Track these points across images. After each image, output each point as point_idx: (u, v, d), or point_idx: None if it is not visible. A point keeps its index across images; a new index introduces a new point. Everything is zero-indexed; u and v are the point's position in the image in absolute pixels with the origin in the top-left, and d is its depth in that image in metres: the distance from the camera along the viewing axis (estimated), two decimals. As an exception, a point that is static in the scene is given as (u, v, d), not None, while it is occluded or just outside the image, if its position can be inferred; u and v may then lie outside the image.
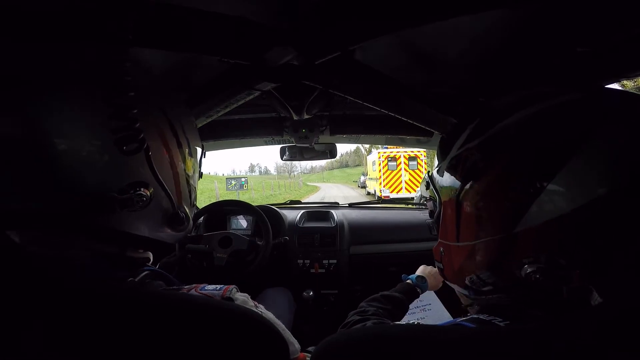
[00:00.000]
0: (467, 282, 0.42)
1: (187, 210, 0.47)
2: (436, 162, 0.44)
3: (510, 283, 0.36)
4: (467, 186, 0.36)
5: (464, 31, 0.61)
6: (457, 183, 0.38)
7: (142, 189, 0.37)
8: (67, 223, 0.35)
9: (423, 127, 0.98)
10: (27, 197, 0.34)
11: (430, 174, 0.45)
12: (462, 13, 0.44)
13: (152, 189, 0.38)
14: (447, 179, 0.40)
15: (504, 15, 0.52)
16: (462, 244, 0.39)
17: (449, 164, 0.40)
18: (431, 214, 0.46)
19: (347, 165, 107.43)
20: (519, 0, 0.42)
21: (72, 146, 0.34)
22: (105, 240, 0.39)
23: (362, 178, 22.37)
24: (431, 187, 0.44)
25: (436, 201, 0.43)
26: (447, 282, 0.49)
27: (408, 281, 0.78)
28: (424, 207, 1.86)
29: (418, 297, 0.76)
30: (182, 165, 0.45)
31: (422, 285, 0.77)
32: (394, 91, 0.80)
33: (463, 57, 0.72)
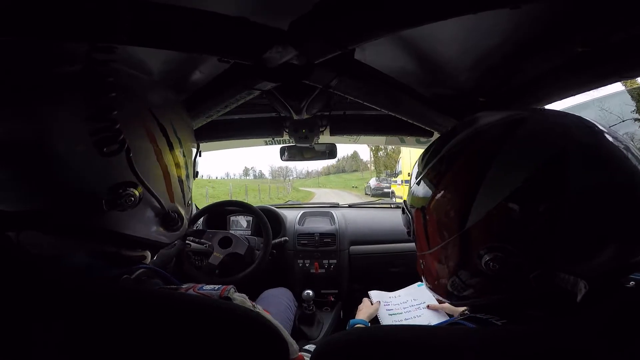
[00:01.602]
0: (449, 287, 0.44)
1: (181, 210, 0.47)
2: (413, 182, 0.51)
3: (484, 280, 0.39)
4: (429, 198, 0.43)
5: (465, 32, 0.61)
6: (423, 198, 0.45)
7: (130, 189, 0.37)
8: (60, 224, 0.36)
9: (423, 127, 0.98)
10: (20, 199, 0.34)
11: (404, 200, 0.54)
12: (462, 13, 0.44)
13: (142, 189, 0.38)
14: (415, 196, 0.48)
15: (504, 15, 0.52)
16: (433, 249, 0.44)
17: (416, 183, 0.47)
18: (408, 233, 0.53)
19: (344, 171, 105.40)
20: (519, 0, 0.42)
21: (60, 148, 0.34)
22: (99, 240, 0.39)
23: (374, 183, 17.87)
24: (406, 210, 0.52)
25: (410, 221, 0.50)
26: (432, 293, 0.51)
27: (360, 325, 0.85)
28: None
29: None
30: (174, 165, 0.45)
31: None
32: (394, 91, 0.80)
33: (463, 57, 0.72)
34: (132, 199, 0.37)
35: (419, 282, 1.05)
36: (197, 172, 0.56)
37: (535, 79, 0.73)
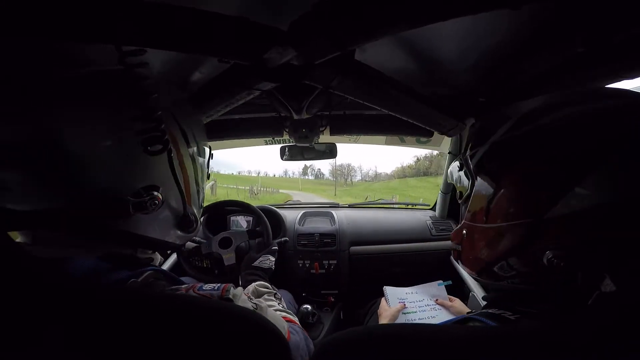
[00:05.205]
0: (495, 269, 0.41)
1: (196, 212, 0.48)
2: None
3: (531, 269, 0.37)
4: (505, 170, 0.38)
5: (465, 32, 0.61)
6: (496, 166, 0.40)
7: (154, 192, 0.38)
8: (83, 226, 0.36)
9: (423, 126, 0.98)
10: (44, 199, 0.34)
11: (465, 157, 0.47)
12: (462, 14, 0.44)
13: (164, 193, 0.39)
14: (485, 162, 0.42)
15: (504, 16, 0.52)
16: (490, 225, 0.40)
17: (489, 148, 0.42)
18: (460, 195, 0.47)
19: (426, 173, 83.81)
20: (519, 1, 0.42)
21: (91, 149, 0.34)
22: (119, 242, 0.39)
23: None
24: (465, 169, 0.46)
25: (467, 183, 0.45)
26: (461, 266, 0.48)
27: None
28: (423, 207, 1.86)
29: None
30: (192, 166, 0.45)
31: None
32: (394, 91, 0.80)
33: (463, 57, 0.72)
34: (156, 202, 0.38)
35: (440, 282, 1.02)
36: (209, 175, 0.57)
37: (535, 79, 0.73)
